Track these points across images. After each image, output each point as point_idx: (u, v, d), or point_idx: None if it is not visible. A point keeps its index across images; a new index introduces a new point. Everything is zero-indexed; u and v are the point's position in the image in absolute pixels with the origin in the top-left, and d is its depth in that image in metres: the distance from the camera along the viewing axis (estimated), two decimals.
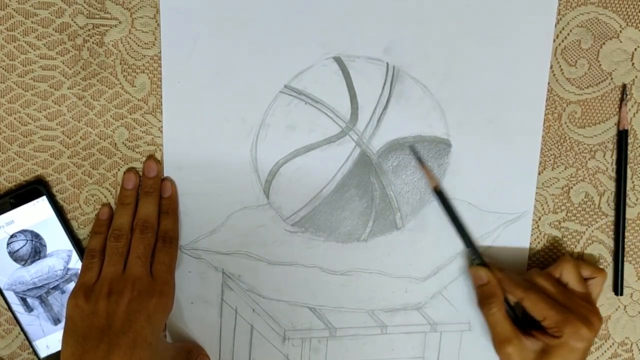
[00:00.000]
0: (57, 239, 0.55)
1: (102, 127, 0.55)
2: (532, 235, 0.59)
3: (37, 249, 0.55)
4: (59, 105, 0.54)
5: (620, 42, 0.57)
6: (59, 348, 0.55)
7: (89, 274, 0.51)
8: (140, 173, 0.56)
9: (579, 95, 0.58)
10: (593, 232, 0.59)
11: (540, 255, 0.59)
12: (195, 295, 0.57)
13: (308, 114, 0.56)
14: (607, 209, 0.59)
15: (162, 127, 0.55)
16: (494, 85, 0.56)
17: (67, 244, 0.55)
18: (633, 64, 0.57)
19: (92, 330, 0.48)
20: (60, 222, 0.55)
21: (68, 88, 0.54)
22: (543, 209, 0.59)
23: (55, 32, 0.53)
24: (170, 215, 0.55)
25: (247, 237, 0.57)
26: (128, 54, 0.54)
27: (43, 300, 0.55)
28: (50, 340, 0.56)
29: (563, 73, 0.57)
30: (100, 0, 0.53)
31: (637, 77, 0.58)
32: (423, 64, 0.56)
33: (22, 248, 0.54)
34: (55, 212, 0.55)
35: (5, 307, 0.55)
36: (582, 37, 0.57)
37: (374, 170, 0.56)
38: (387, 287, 0.58)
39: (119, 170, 0.56)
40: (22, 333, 0.56)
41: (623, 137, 0.58)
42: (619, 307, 0.60)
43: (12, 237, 0.54)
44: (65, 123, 0.55)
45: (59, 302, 0.56)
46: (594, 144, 0.58)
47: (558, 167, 0.58)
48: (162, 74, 0.54)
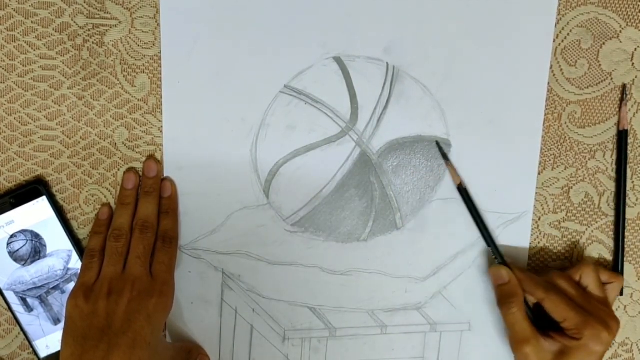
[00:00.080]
0: (57, 239, 0.55)
1: (102, 127, 0.55)
2: (532, 235, 0.59)
3: (37, 249, 0.55)
4: (59, 105, 0.54)
5: (620, 42, 0.57)
6: (59, 348, 0.55)
7: (89, 274, 0.51)
8: (140, 173, 0.56)
9: (579, 96, 0.58)
10: (593, 232, 0.59)
11: (540, 255, 0.59)
12: (195, 295, 0.57)
13: (308, 114, 0.56)
14: (607, 209, 0.59)
15: (162, 127, 0.55)
16: (494, 85, 0.56)
17: (67, 244, 0.55)
18: (633, 64, 0.57)
19: (91, 330, 0.48)
20: (60, 222, 0.55)
21: (68, 88, 0.54)
22: (543, 209, 0.59)
23: (55, 32, 0.53)
24: (170, 215, 0.55)
25: (247, 237, 0.57)
26: (128, 54, 0.54)
27: (43, 300, 0.55)
28: (50, 340, 0.56)
29: (563, 73, 0.57)
30: (100, 0, 0.53)
31: (637, 77, 0.58)
32: (423, 64, 0.56)
33: (22, 248, 0.54)
34: (55, 212, 0.55)
35: (5, 307, 0.55)
36: (582, 37, 0.57)
37: (374, 170, 0.56)
38: (387, 287, 0.58)
39: (119, 170, 0.56)
40: (22, 333, 0.56)
41: (623, 137, 0.58)
42: (619, 307, 0.60)
43: (12, 237, 0.54)
44: (65, 123, 0.55)
45: (59, 302, 0.55)
46: (594, 144, 0.58)
47: (558, 167, 0.58)
48: (162, 74, 0.54)
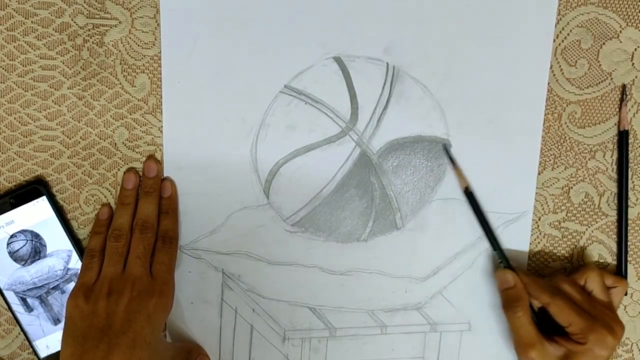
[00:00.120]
0: (57, 239, 0.55)
1: (102, 127, 0.55)
2: (532, 235, 0.59)
3: (37, 249, 0.55)
4: (59, 105, 0.54)
5: (620, 42, 0.57)
6: (59, 348, 0.55)
7: (89, 274, 0.51)
8: (140, 173, 0.56)
9: (579, 96, 0.57)
10: (593, 232, 0.59)
11: (540, 256, 0.59)
12: (195, 295, 0.57)
13: (308, 114, 0.56)
14: (607, 209, 0.59)
15: (162, 127, 0.55)
16: (494, 85, 0.56)
17: (67, 244, 0.55)
18: (633, 64, 0.57)
19: (91, 330, 0.48)
20: (60, 222, 0.55)
21: (68, 88, 0.54)
22: (543, 209, 0.59)
23: (55, 32, 0.53)
24: (170, 215, 0.55)
25: (247, 237, 0.57)
26: (128, 54, 0.54)
27: (43, 300, 0.55)
28: (50, 340, 0.56)
29: (563, 73, 0.57)
30: (100, 0, 0.53)
31: (637, 77, 0.58)
32: (423, 64, 0.56)
33: (22, 248, 0.54)
34: (55, 212, 0.55)
35: (5, 307, 0.55)
36: (582, 37, 0.57)
37: (374, 170, 0.56)
38: (387, 287, 0.58)
39: (119, 170, 0.56)
40: (22, 333, 0.56)
41: (624, 137, 0.57)
42: (620, 307, 0.60)
43: (12, 237, 0.54)
44: (65, 123, 0.55)
45: (59, 302, 0.55)
46: (594, 144, 0.58)
47: (558, 167, 0.58)
48: (162, 74, 0.54)
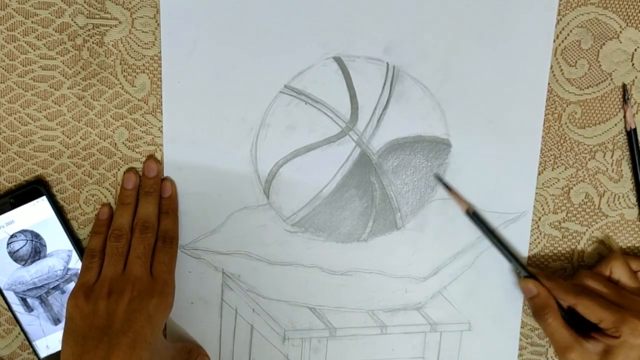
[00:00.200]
0: (57, 239, 0.55)
1: (102, 127, 0.55)
2: (532, 236, 0.59)
3: (37, 249, 0.55)
4: (59, 105, 0.54)
5: (620, 42, 0.57)
6: (59, 348, 0.55)
7: (89, 274, 0.51)
8: (140, 173, 0.56)
9: (579, 96, 0.58)
10: (593, 232, 0.59)
11: (540, 256, 0.59)
12: (195, 295, 0.57)
13: (308, 114, 0.56)
14: (607, 210, 0.59)
15: (162, 127, 0.55)
16: (494, 85, 0.56)
17: (67, 244, 0.55)
18: (633, 65, 0.57)
19: (92, 330, 0.48)
20: (60, 222, 0.55)
21: (68, 88, 0.54)
22: (543, 209, 0.59)
23: (55, 32, 0.53)
24: (170, 215, 0.55)
25: (247, 237, 0.57)
26: (128, 54, 0.54)
27: (43, 300, 0.55)
28: (50, 340, 0.56)
29: (563, 73, 0.57)
30: (100, 0, 0.53)
31: (637, 77, 0.58)
32: (423, 64, 0.56)
33: (22, 248, 0.54)
34: (55, 212, 0.55)
35: (5, 307, 0.55)
36: (582, 37, 0.57)
37: (374, 170, 0.56)
38: (387, 287, 0.58)
39: (119, 170, 0.56)
40: (22, 333, 0.56)
41: (633, 136, 0.57)
42: None
43: (12, 237, 0.54)
44: (65, 123, 0.55)
45: (59, 302, 0.55)
46: (594, 145, 0.58)
47: (558, 167, 0.58)
48: (162, 74, 0.54)
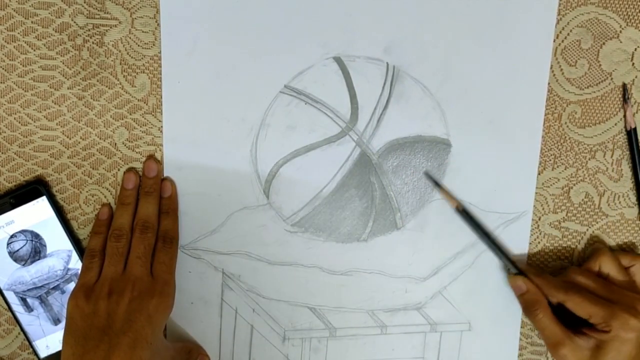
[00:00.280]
0: (57, 239, 0.55)
1: (102, 127, 0.55)
2: (532, 235, 0.59)
3: (37, 249, 0.55)
4: (59, 105, 0.54)
5: (620, 42, 0.57)
6: (59, 348, 0.55)
7: (89, 274, 0.51)
8: (140, 173, 0.56)
9: (579, 95, 0.58)
10: (593, 232, 0.59)
11: (540, 255, 0.59)
12: (195, 295, 0.57)
13: (308, 114, 0.56)
14: (607, 209, 0.59)
15: (162, 127, 0.55)
16: (494, 85, 0.56)
17: (67, 244, 0.55)
18: (633, 64, 0.57)
19: (92, 330, 0.48)
20: (60, 222, 0.55)
21: (68, 88, 0.54)
22: (543, 209, 0.59)
23: (55, 32, 0.53)
24: (170, 215, 0.55)
25: (247, 237, 0.57)
26: (128, 54, 0.54)
27: (43, 300, 0.55)
28: (50, 340, 0.56)
29: (563, 73, 0.57)
30: (100, 0, 0.53)
31: (637, 77, 0.58)
32: (423, 64, 0.56)
33: (22, 248, 0.54)
34: (55, 212, 0.55)
35: (5, 307, 0.55)
36: (582, 37, 0.57)
37: (374, 170, 0.56)
38: (387, 287, 0.58)
39: (119, 170, 0.56)
40: (22, 333, 0.56)
41: (633, 135, 0.57)
42: None
43: (12, 237, 0.54)
44: (65, 123, 0.55)
45: (59, 302, 0.55)
46: (594, 144, 0.58)
47: (558, 167, 0.58)
48: (162, 74, 0.54)
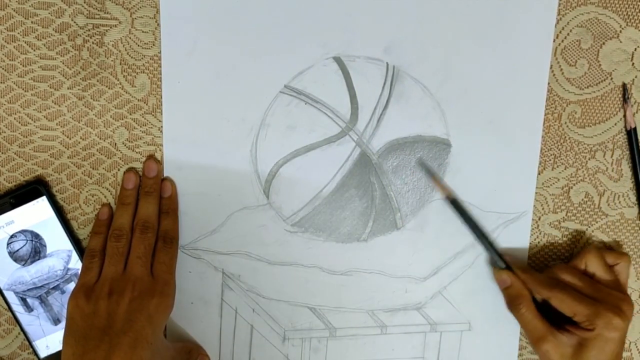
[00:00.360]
0: (57, 239, 0.55)
1: (102, 127, 0.55)
2: (532, 235, 0.59)
3: (37, 249, 0.55)
4: (59, 105, 0.54)
5: (620, 42, 0.57)
6: (59, 348, 0.55)
7: (90, 274, 0.51)
8: (140, 173, 0.56)
9: (579, 95, 0.58)
10: (593, 232, 0.59)
11: (540, 255, 0.59)
12: (195, 295, 0.57)
13: (308, 114, 0.56)
14: (607, 209, 0.59)
15: (162, 127, 0.55)
16: (494, 85, 0.56)
17: (67, 244, 0.55)
18: (633, 64, 0.57)
19: (92, 330, 0.48)
20: (60, 222, 0.55)
21: (68, 88, 0.54)
22: (543, 209, 0.59)
23: (55, 32, 0.53)
24: (171, 215, 0.55)
25: (247, 237, 0.57)
26: (128, 54, 0.54)
27: (43, 300, 0.55)
28: (50, 340, 0.56)
29: (563, 73, 0.57)
30: (100, 0, 0.53)
31: (637, 77, 0.58)
32: (423, 64, 0.56)
33: (22, 248, 0.54)
34: (55, 212, 0.55)
35: (5, 307, 0.55)
36: (582, 37, 0.57)
37: (374, 170, 0.56)
38: (387, 287, 0.58)
39: (119, 170, 0.55)
40: (22, 333, 0.56)
41: (633, 135, 0.57)
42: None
43: (12, 237, 0.54)
44: (65, 123, 0.55)
45: (59, 302, 0.55)
46: (594, 144, 0.58)
47: (558, 167, 0.58)
48: (162, 74, 0.54)
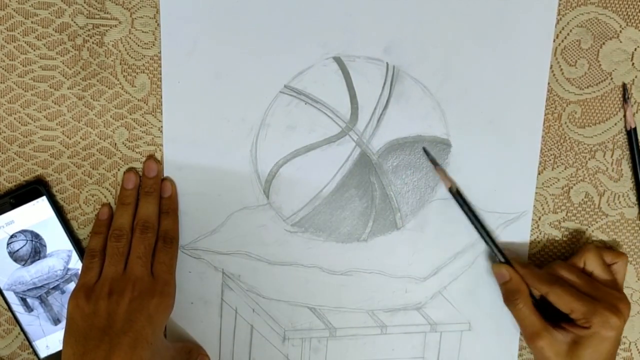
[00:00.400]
0: (57, 239, 0.55)
1: (102, 127, 0.55)
2: (532, 235, 0.59)
3: (37, 249, 0.55)
4: (59, 105, 0.54)
5: (620, 42, 0.57)
6: (59, 348, 0.55)
7: (90, 274, 0.51)
8: (140, 173, 0.56)
9: (579, 95, 0.58)
10: (593, 232, 0.59)
11: (540, 255, 0.59)
12: (195, 295, 0.57)
13: (308, 114, 0.56)
14: (607, 209, 0.59)
15: (162, 127, 0.55)
16: (494, 85, 0.56)
17: (67, 244, 0.55)
18: (633, 64, 0.57)
19: (93, 330, 0.48)
20: (60, 222, 0.55)
21: (68, 88, 0.54)
22: (543, 209, 0.59)
23: (55, 32, 0.53)
24: (171, 215, 0.55)
25: (247, 237, 0.57)
26: (128, 54, 0.54)
27: (43, 300, 0.55)
28: (50, 340, 0.56)
29: (563, 73, 0.57)
30: (100, 0, 0.53)
31: (637, 77, 0.58)
32: (423, 64, 0.56)
33: (22, 248, 0.54)
34: (55, 212, 0.55)
35: (5, 307, 0.55)
36: (582, 37, 0.57)
37: (374, 170, 0.56)
38: (387, 287, 0.58)
39: (119, 170, 0.55)
40: (22, 333, 0.56)
41: (633, 135, 0.57)
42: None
43: (12, 237, 0.54)
44: (65, 123, 0.55)
45: (59, 302, 0.55)
46: (594, 144, 0.58)
47: (558, 167, 0.58)
48: (162, 74, 0.54)
